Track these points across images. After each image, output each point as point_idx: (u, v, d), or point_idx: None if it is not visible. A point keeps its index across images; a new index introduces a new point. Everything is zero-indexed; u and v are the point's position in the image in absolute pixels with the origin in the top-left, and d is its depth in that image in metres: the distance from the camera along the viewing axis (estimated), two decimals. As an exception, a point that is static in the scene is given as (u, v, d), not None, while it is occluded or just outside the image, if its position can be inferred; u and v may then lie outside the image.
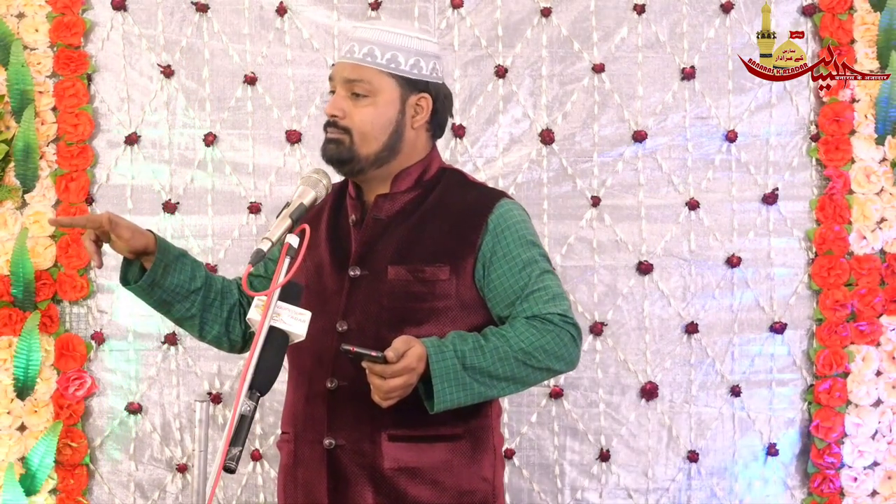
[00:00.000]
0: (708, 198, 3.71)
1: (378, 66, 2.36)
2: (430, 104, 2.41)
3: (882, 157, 3.69)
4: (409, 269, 2.34)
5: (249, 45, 3.73)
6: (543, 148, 3.70)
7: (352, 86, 2.36)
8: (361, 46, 2.37)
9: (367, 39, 2.37)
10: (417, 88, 2.39)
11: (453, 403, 2.25)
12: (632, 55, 3.73)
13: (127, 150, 3.72)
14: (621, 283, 3.69)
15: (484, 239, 2.36)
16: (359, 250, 2.38)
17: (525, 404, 3.66)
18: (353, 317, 2.34)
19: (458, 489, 2.35)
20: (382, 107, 2.36)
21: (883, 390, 3.65)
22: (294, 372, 2.44)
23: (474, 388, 2.26)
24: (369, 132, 2.36)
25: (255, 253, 2.03)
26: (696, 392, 3.69)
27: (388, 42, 2.37)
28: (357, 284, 2.36)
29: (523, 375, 2.30)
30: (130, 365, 3.69)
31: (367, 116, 2.36)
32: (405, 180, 2.42)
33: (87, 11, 3.71)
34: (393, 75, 2.37)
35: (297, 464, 2.40)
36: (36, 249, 3.64)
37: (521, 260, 2.36)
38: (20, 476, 3.58)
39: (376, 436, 2.32)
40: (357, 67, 2.36)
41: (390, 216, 2.40)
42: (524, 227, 2.41)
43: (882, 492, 3.64)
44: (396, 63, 2.37)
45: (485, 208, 2.38)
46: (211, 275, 2.51)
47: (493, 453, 2.42)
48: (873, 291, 3.66)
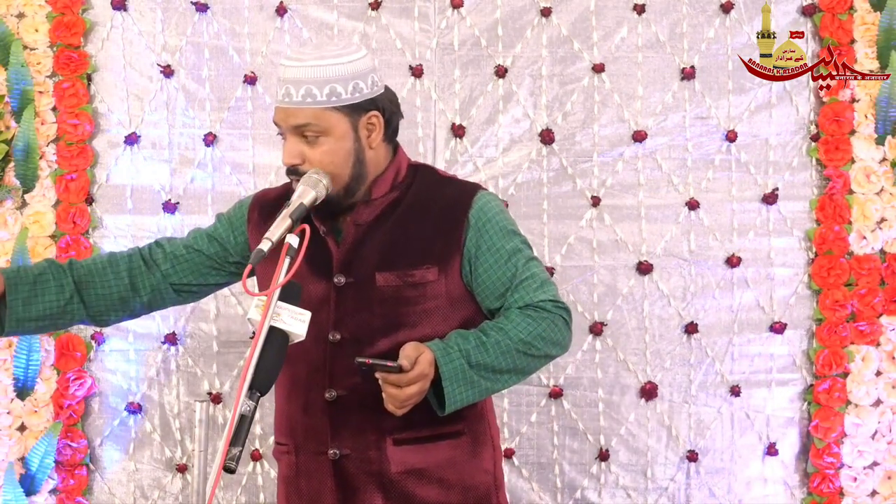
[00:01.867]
0: (708, 198, 3.71)
1: (320, 104, 2.27)
2: (380, 120, 2.35)
3: (882, 157, 3.69)
4: (397, 274, 2.33)
5: (249, 45, 3.73)
6: (543, 148, 3.71)
7: (301, 130, 2.29)
8: (297, 88, 2.28)
9: (301, 80, 2.28)
10: (365, 109, 2.32)
11: (463, 402, 2.27)
12: (632, 55, 3.73)
13: (127, 150, 3.72)
14: (621, 283, 3.69)
15: (467, 235, 2.36)
16: (341, 258, 2.36)
17: (524, 404, 3.66)
18: (344, 327, 2.33)
19: (463, 485, 2.37)
20: (337, 142, 2.30)
21: (882, 390, 3.65)
22: (286, 381, 2.41)
23: (481, 384, 2.27)
24: (333, 171, 2.30)
25: (256, 253, 2.04)
26: (695, 392, 3.69)
27: (322, 77, 2.28)
28: (343, 293, 2.34)
29: (524, 365, 2.32)
30: (130, 365, 3.69)
31: (326, 157, 2.29)
32: (382, 186, 2.39)
33: (87, 11, 3.72)
34: (337, 108, 2.29)
35: (300, 475, 2.40)
36: (36, 249, 3.64)
37: (505, 251, 2.36)
38: (20, 476, 3.58)
39: (381, 442, 2.33)
40: (300, 111, 2.28)
41: (369, 221, 2.37)
42: (503, 217, 2.41)
43: (882, 492, 3.64)
44: (337, 95, 2.28)
45: (463, 204, 2.37)
46: (78, 265, 2.45)
47: (491, 445, 2.45)
48: (873, 291, 3.66)
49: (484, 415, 2.45)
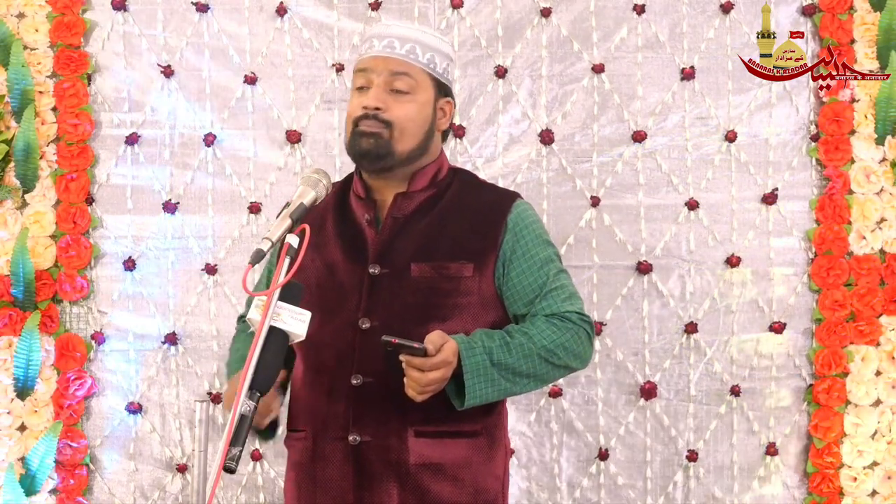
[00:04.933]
0: (708, 198, 3.71)
1: (421, 64, 2.39)
2: (452, 109, 2.47)
3: (882, 157, 3.69)
4: (433, 266, 2.36)
5: (249, 45, 3.73)
6: (543, 148, 3.71)
7: (395, 80, 2.37)
8: (403, 43, 2.38)
9: (408, 37, 2.39)
10: (444, 92, 2.44)
11: (482, 399, 2.27)
12: (632, 55, 3.73)
13: (127, 150, 3.72)
14: (621, 283, 3.69)
15: (504, 237, 2.39)
16: (378, 248, 2.39)
17: (524, 403, 3.66)
18: (376, 314, 2.35)
19: (475, 486, 2.38)
20: (421, 105, 2.39)
21: (882, 390, 3.65)
22: (308, 370, 2.43)
23: (501, 384, 2.29)
24: (409, 128, 2.37)
25: (256, 253, 2.04)
26: (695, 392, 3.69)
27: (427, 42, 2.41)
28: (378, 282, 2.36)
29: (544, 372, 2.34)
30: (130, 365, 3.69)
31: (410, 112, 2.37)
32: (421, 179, 2.44)
33: (87, 11, 3.72)
34: (431, 76, 2.41)
35: (316, 460, 2.39)
36: (36, 249, 3.64)
37: (539, 258, 2.40)
38: (20, 476, 3.58)
39: (403, 432, 2.33)
40: (402, 62, 2.37)
41: (407, 214, 2.41)
42: (540, 226, 2.46)
43: (882, 491, 3.64)
44: (434, 64, 2.41)
45: (503, 208, 2.42)
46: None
47: (504, 451, 2.47)
48: (873, 291, 3.66)
49: (501, 419, 2.46)
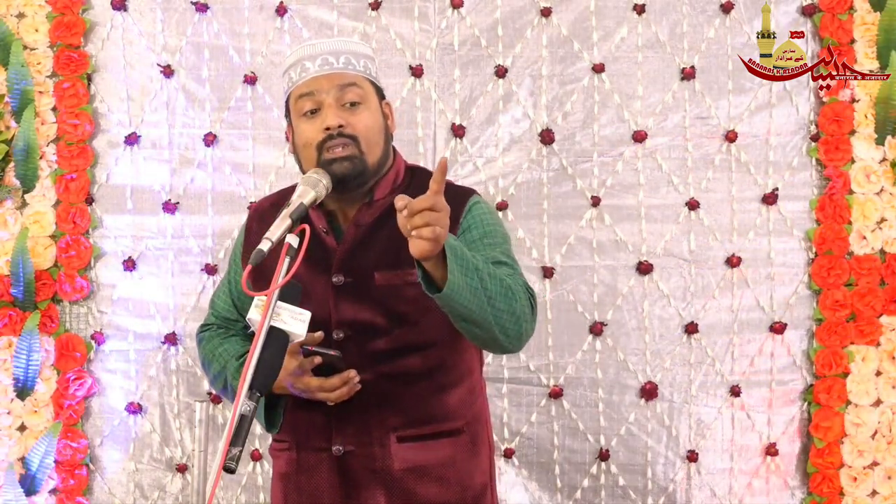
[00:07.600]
0: (708, 198, 3.71)
1: (360, 72, 2.36)
2: (391, 109, 2.43)
3: (882, 157, 3.69)
4: (397, 273, 2.32)
5: (249, 45, 3.73)
6: (543, 148, 3.70)
7: (345, 93, 2.32)
8: (337, 57, 2.35)
9: (339, 50, 2.36)
10: (382, 95, 2.42)
11: (458, 288, 2.07)
12: (632, 55, 3.72)
13: (127, 150, 3.72)
14: (621, 283, 3.69)
15: (465, 219, 2.35)
16: (341, 257, 2.36)
17: (524, 404, 3.67)
18: (345, 325, 2.34)
19: (462, 484, 2.39)
20: (374, 112, 2.36)
21: (882, 390, 3.65)
22: None
23: (473, 281, 2.10)
24: (372, 138, 2.33)
25: (256, 253, 2.03)
26: (695, 392, 3.69)
27: (356, 51, 2.38)
28: (342, 292, 2.34)
29: (499, 304, 2.15)
30: (130, 365, 3.69)
31: (368, 122, 2.33)
32: (382, 188, 2.40)
33: (87, 11, 3.72)
34: (370, 81, 2.38)
35: (300, 472, 2.40)
36: (36, 249, 3.65)
37: (493, 234, 2.33)
38: (20, 476, 3.58)
39: (385, 438, 2.33)
40: (346, 75, 2.33)
41: (370, 223, 2.38)
42: (496, 218, 2.41)
43: (882, 491, 3.64)
44: (368, 70, 2.39)
45: (462, 198, 2.37)
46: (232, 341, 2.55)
47: (488, 445, 2.48)
48: (873, 291, 3.66)
49: (481, 414, 2.47)
